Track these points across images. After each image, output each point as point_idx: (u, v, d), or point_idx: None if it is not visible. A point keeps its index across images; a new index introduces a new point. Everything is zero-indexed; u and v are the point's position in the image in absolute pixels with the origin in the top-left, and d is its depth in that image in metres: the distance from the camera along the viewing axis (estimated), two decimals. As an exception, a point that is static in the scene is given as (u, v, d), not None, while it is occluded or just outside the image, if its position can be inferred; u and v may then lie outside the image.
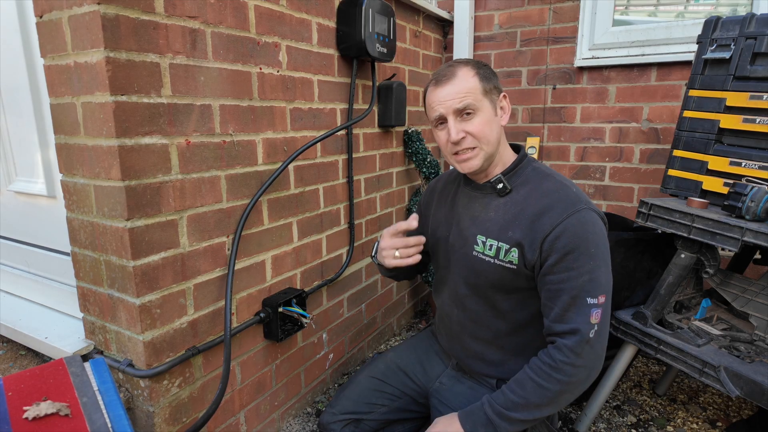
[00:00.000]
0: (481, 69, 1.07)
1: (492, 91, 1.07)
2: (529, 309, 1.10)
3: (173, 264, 1.15)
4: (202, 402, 1.28)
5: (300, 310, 1.48)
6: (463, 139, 1.05)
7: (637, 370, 2.08)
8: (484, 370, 1.19)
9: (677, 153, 1.56)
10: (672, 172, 1.57)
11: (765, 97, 1.35)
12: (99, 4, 0.93)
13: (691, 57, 1.92)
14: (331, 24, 1.62)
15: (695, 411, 1.79)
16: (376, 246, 1.21)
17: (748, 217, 1.25)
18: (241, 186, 1.32)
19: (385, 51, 1.73)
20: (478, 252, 1.10)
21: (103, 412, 0.95)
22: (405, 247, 1.10)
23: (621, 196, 2.22)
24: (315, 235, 1.68)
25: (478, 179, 1.14)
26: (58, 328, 1.30)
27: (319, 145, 1.63)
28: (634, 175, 2.18)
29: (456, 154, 1.09)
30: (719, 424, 1.71)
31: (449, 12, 2.43)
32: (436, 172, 2.26)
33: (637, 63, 2.06)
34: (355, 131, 1.84)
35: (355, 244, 1.92)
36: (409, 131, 2.20)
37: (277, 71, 1.41)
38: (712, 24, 1.48)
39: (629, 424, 1.72)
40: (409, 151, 2.21)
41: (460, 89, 1.04)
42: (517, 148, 1.17)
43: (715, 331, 1.42)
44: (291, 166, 1.51)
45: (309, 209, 1.63)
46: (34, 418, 0.89)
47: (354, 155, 1.83)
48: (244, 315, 1.40)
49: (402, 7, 2.08)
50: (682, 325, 1.46)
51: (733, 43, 1.41)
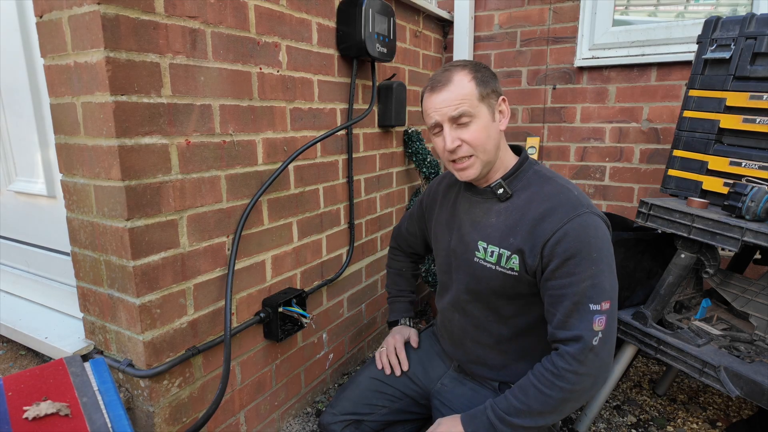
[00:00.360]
0: (478, 72, 1.04)
1: (490, 95, 1.04)
2: (532, 314, 1.09)
3: (173, 264, 1.15)
4: (202, 402, 1.28)
5: (300, 310, 1.47)
6: (458, 147, 1.03)
7: (637, 370, 2.08)
8: (486, 373, 1.18)
9: (677, 153, 1.56)
10: (672, 172, 1.57)
11: (765, 97, 1.35)
12: (99, 4, 0.93)
13: (691, 57, 1.92)
14: (331, 24, 1.62)
15: (695, 411, 1.79)
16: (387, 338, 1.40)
17: (748, 217, 1.25)
18: (241, 186, 1.32)
19: (385, 51, 1.73)
20: (480, 258, 1.09)
21: (103, 412, 0.95)
22: (394, 357, 1.32)
23: (621, 196, 2.22)
24: (315, 235, 1.68)
25: (479, 184, 1.14)
26: (58, 328, 1.30)
27: (319, 145, 1.63)
28: (634, 175, 2.18)
29: (453, 162, 1.07)
30: (719, 424, 1.71)
31: (449, 12, 2.43)
32: (436, 172, 2.26)
33: (637, 63, 2.06)
34: (355, 131, 1.84)
35: (355, 244, 1.92)
36: (409, 131, 2.20)
37: (277, 71, 1.41)
38: (712, 24, 1.48)
39: (629, 424, 1.72)
40: (409, 151, 2.21)
41: (455, 96, 1.01)
42: (518, 150, 1.15)
43: (715, 331, 1.42)
44: (291, 166, 1.51)
45: (309, 209, 1.63)
46: (34, 418, 0.89)
47: (354, 155, 1.83)
48: (244, 315, 1.40)
49: (402, 7, 2.08)
50: (682, 325, 1.46)
51: (733, 43, 1.42)
